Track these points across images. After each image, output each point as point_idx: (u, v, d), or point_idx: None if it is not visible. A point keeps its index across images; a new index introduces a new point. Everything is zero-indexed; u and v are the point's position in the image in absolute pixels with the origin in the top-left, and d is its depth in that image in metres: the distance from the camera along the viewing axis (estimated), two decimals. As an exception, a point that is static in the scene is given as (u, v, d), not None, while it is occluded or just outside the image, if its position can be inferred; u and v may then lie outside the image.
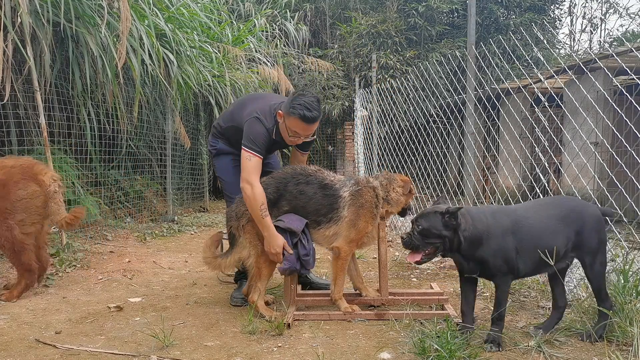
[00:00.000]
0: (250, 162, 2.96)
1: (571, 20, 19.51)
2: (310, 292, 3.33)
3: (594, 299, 2.70)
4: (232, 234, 3.07)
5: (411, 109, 6.61)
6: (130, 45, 5.12)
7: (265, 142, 3.05)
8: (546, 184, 3.62)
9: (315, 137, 3.25)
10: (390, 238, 5.46)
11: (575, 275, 3.27)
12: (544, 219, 2.42)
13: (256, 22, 10.77)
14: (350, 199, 2.92)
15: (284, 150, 9.27)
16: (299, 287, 3.35)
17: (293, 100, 2.96)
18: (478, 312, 2.94)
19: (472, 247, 2.39)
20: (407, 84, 6.47)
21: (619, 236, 3.03)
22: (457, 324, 2.59)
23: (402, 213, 3.14)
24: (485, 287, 3.37)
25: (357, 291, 3.19)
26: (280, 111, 3.04)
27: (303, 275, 3.53)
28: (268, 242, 2.89)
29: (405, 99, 7.06)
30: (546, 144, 3.70)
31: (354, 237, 2.91)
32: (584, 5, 25.91)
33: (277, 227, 2.88)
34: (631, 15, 19.13)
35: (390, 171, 3.60)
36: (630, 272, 2.75)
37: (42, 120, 4.25)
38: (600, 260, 2.45)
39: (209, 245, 3.13)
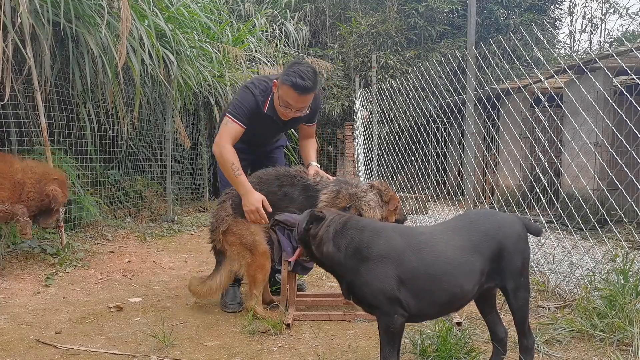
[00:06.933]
0: (226, 126, 2.89)
1: (571, 20, 19.52)
2: (310, 293, 3.33)
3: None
4: (217, 250, 3.02)
5: (411, 109, 6.62)
6: (130, 45, 5.11)
7: (250, 110, 2.92)
8: (546, 184, 3.62)
9: (308, 111, 2.97)
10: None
11: (576, 275, 3.28)
12: (450, 251, 1.87)
13: (256, 22, 10.77)
14: (326, 200, 2.82)
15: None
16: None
17: (288, 68, 2.83)
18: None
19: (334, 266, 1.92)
20: (407, 84, 6.47)
21: (619, 236, 3.03)
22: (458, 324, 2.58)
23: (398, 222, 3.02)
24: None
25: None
26: (275, 80, 2.92)
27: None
28: (244, 200, 2.77)
29: (405, 99, 7.06)
30: (546, 144, 3.70)
31: None
32: (584, 5, 25.91)
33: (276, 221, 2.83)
34: (631, 15, 19.13)
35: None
36: (630, 272, 2.75)
37: (42, 120, 4.24)
38: (525, 284, 1.96)
39: (194, 278, 3.12)
